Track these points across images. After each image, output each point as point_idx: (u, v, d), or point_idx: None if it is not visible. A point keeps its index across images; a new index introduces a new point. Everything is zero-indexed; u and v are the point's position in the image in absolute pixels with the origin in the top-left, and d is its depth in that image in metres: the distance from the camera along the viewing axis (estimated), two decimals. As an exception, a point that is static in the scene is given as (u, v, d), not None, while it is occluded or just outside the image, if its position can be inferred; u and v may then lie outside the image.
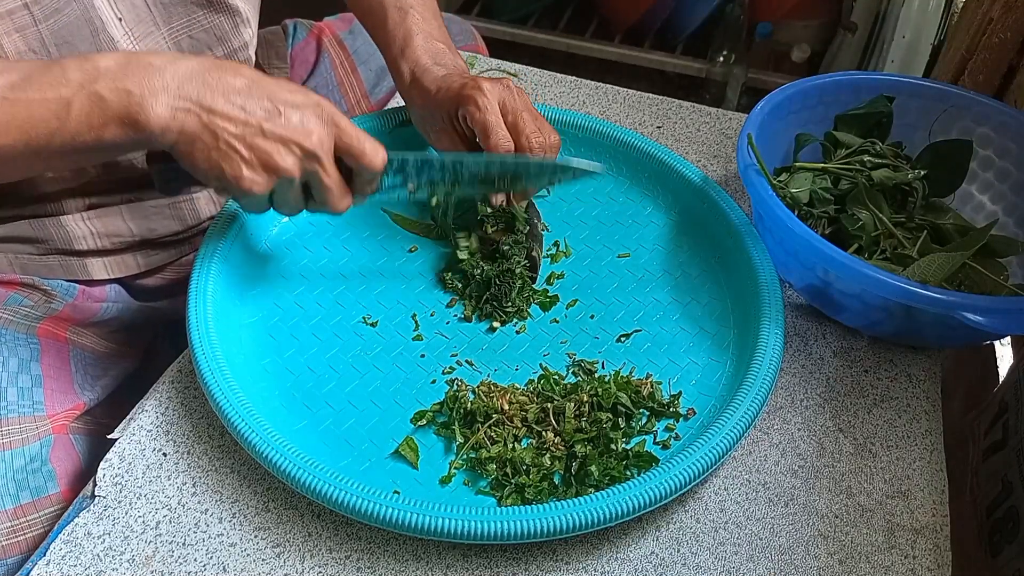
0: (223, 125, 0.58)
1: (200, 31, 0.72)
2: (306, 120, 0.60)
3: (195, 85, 0.57)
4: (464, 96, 0.70)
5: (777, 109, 0.77)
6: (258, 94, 0.59)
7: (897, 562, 0.60)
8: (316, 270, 0.76)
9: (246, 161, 0.59)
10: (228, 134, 0.58)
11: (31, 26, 0.62)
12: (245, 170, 0.59)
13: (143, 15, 0.68)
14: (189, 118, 0.57)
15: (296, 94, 0.60)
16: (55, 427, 0.70)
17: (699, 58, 1.94)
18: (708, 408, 0.66)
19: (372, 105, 0.99)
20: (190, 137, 0.58)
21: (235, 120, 0.58)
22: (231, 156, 0.58)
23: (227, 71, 0.59)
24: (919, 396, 0.70)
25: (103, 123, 0.55)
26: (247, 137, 0.58)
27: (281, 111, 0.59)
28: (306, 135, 0.59)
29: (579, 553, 0.59)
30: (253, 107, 0.58)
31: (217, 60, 0.60)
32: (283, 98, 0.59)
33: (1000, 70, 0.92)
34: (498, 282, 0.71)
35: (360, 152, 0.63)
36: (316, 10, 1.07)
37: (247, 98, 0.58)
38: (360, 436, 0.64)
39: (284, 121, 0.59)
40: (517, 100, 0.71)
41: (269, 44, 0.97)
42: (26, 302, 0.71)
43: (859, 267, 0.63)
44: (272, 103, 0.59)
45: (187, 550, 0.59)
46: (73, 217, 0.73)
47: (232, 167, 0.59)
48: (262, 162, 0.59)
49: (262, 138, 0.58)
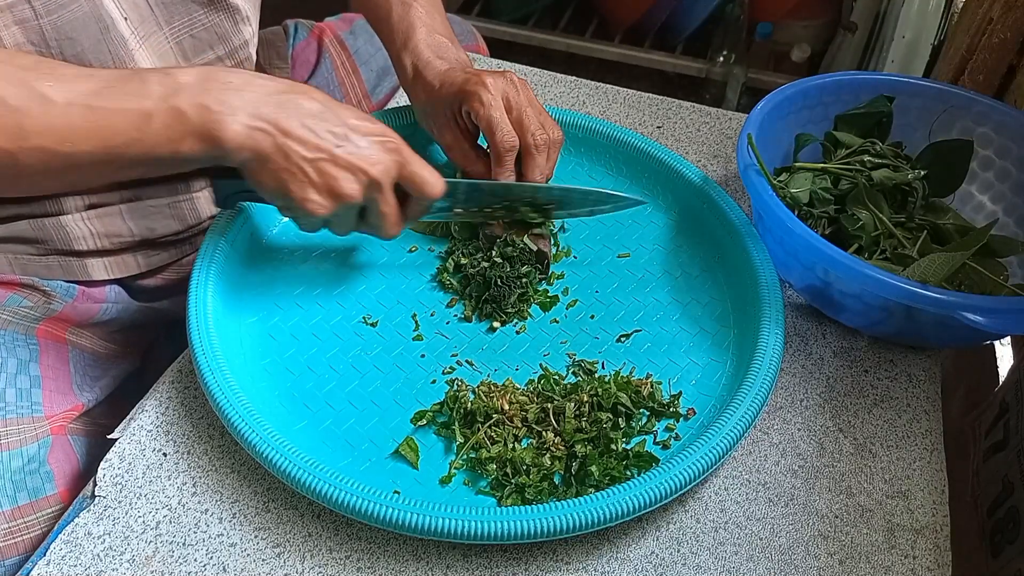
0: (295, 148, 0.59)
1: (201, 30, 0.72)
2: (373, 148, 0.62)
3: (271, 106, 0.59)
4: (467, 91, 0.70)
5: (777, 109, 0.77)
6: (330, 119, 0.61)
7: (897, 562, 0.60)
8: (316, 270, 0.76)
9: (313, 184, 0.60)
10: (299, 157, 0.60)
11: (32, 20, 0.62)
12: (312, 193, 0.61)
13: (145, 15, 0.69)
14: (264, 138, 0.59)
15: (365, 121, 0.63)
16: (53, 428, 0.70)
17: (699, 58, 1.94)
18: (708, 408, 0.66)
19: (373, 105, 0.99)
20: (263, 156, 0.59)
21: (307, 144, 0.60)
22: (300, 178, 0.60)
23: (302, 94, 0.61)
24: (919, 396, 0.70)
25: (181, 137, 0.57)
26: (317, 162, 0.60)
27: (350, 137, 0.61)
28: (372, 163, 0.61)
29: (579, 553, 0.59)
30: (324, 132, 0.60)
31: (291, 82, 0.62)
32: (353, 124, 0.62)
33: (1000, 70, 0.92)
34: (499, 283, 0.71)
35: (422, 183, 0.65)
36: (317, 10, 1.07)
37: (319, 122, 0.60)
38: (360, 436, 0.64)
39: (353, 148, 0.61)
40: (520, 94, 0.72)
41: (270, 44, 0.97)
42: (25, 303, 0.71)
43: (859, 267, 0.63)
44: (343, 128, 0.61)
45: (187, 550, 0.59)
46: (73, 217, 0.73)
47: (299, 189, 0.60)
48: (328, 187, 0.61)
49: (331, 164, 0.60)
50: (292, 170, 0.60)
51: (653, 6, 1.94)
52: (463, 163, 0.75)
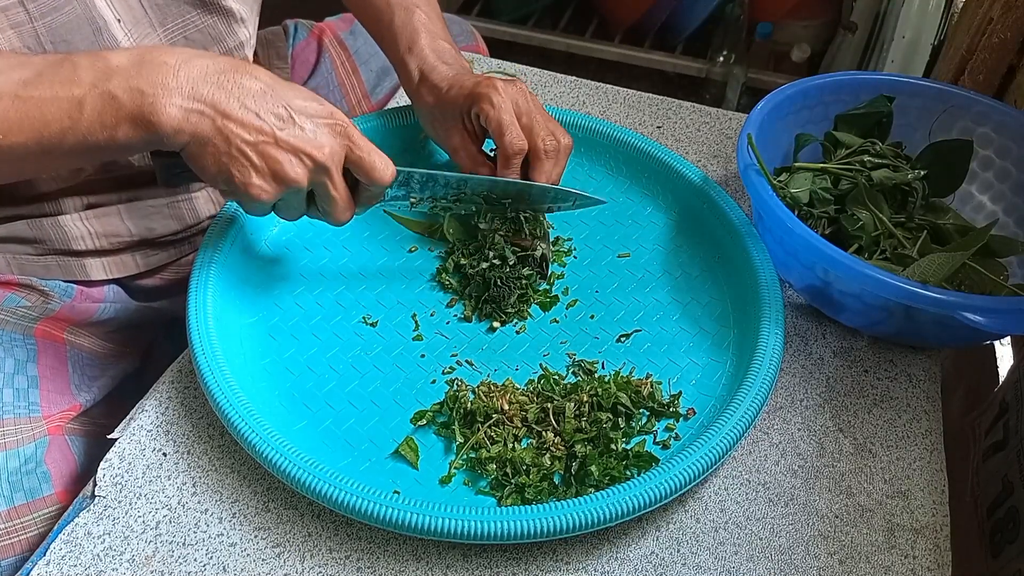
0: (236, 131, 0.57)
1: (195, 32, 0.72)
2: (319, 131, 0.59)
3: (210, 87, 0.56)
4: (478, 94, 0.70)
5: (777, 109, 0.77)
6: (273, 100, 0.58)
7: (897, 562, 0.60)
8: (316, 270, 0.76)
9: (256, 169, 0.58)
10: (240, 140, 0.57)
11: (26, 23, 0.62)
12: (255, 177, 0.58)
13: (139, 16, 0.68)
14: (203, 121, 0.56)
15: (311, 102, 0.60)
16: (50, 428, 0.69)
17: (699, 58, 1.94)
18: (708, 408, 0.66)
19: (373, 105, 0.99)
20: (202, 140, 0.57)
21: (249, 127, 0.57)
22: (242, 162, 0.58)
23: (243, 73, 0.58)
24: (919, 396, 0.70)
25: (115, 123, 0.55)
26: (259, 145, 0.58)
27: (295, 119, 0.58)
28: (318, 147, 0.59)
29: (579, 553, 0.59)
30: (267, 113, 0.58)
31: (233, 60, 0.59)
32: (298, 106, 0.59)
33: (1000, 70, 0.92)
34: (499, 283, 0.71)
35: (370, 167, 0.63)
36: (317, 10, 1.07)
37: (262, 103, 0.58)
38: (360, 436, 0.64)
39: (297, 131, 0.58)
40: (529, 101, 0.72)
41: (270, 44, 0.97)
42: (23, 303, 0.71)
43: (859, 267, 0.63)
44: (287, 110, 0.58)
45: (187, 550, 0.59)
46: (71, 217, 0.73)
47: (242, 173, 0.58)
48: (272, 171, 0.59)
49: (274, 147, 0.58)
50: (233, 154, 0.57)
51: (653, 6, 1.94)
52: (470, 166, 0.75)
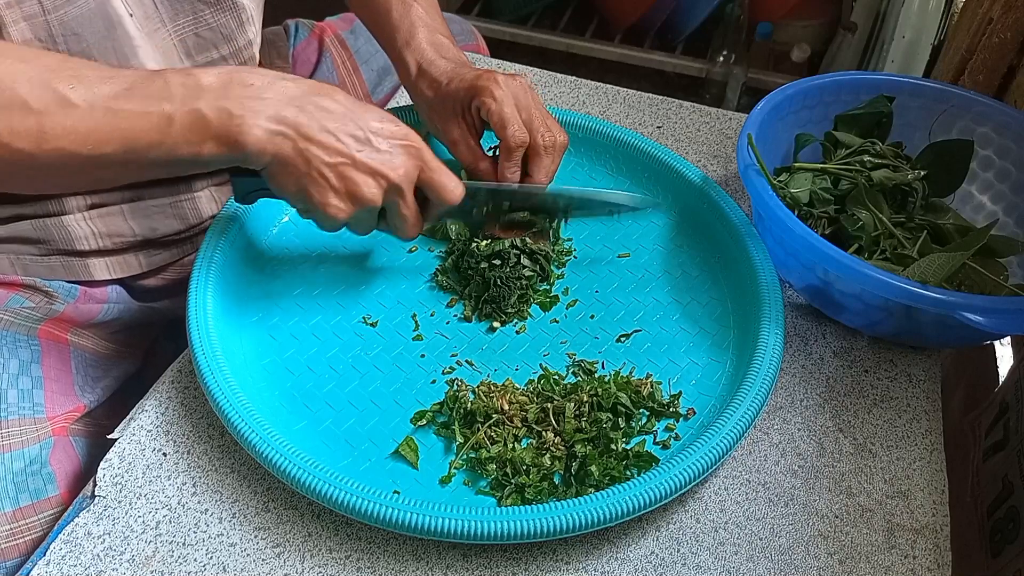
0: (316, 152, 0.59)
1: (206, 29, 0.72)
2: (394, 153, 0.62)
3: (293, 109, 0.59)
4: (479, 87, 0.71)
5: (777, 109, 0.77)
6: (352, 122, 0.61)
7: (897, 562, 0.60)
8: (316, 270, 0.76)
9: (334, 189, 0.60)
10: (320, 162, 0.59)
11: (39, 15, 0.62)
12: (332, 198, 0.61)
13: (151, 12, 0.69)
14: (285, 143, 0.58)
15: (387, 123, 0.62)
16: (55, 429, 0.70)
17: (699, 58, 1.94)
18: (708, 408, 0.66)
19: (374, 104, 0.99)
20: (283, 161, 0.59)
21: (328, 148, 0.59)
22: (320, 183, 0.60)
23: (324, 96, 0.60)
24: (919, 396, 0.70)
25: (202, 140, 0.57)
26: (338, 167, 0.60)
27: (372, 141, 0.61)
28: (393, 168, 0.61)
29: (579, 553, 0.59)
30: (345, 136, 0.60)
31: (315, 83, 0.61)
32: (375, 128, 0.61)
33: (1000, 70, 0.92)
34: (498, 283, 0.71)
35: (442, 188, 0.65)
36: (318, 10, 1.07)
37: (341, 125, 0.60)
38: (360, 436, 0.64)
39: (374, 153, 0.61)
40: (529, 96, 0.73)
41: (271, 44, 0.97)
42: (27, 303, 0.71)
43: (859, 267, 0.63)
44: (364, 132, 0.61)
45: (187, 550, 0.59)
46: (75, 217, 0.73)
47: (320, 194, 0.61)
48: (349, 192, 0.61)
49: (352, 169, 0.60)
50: (313, 175, 0.60)
51: (653, 6, 1.94)
52: (468, 159, 0.75)
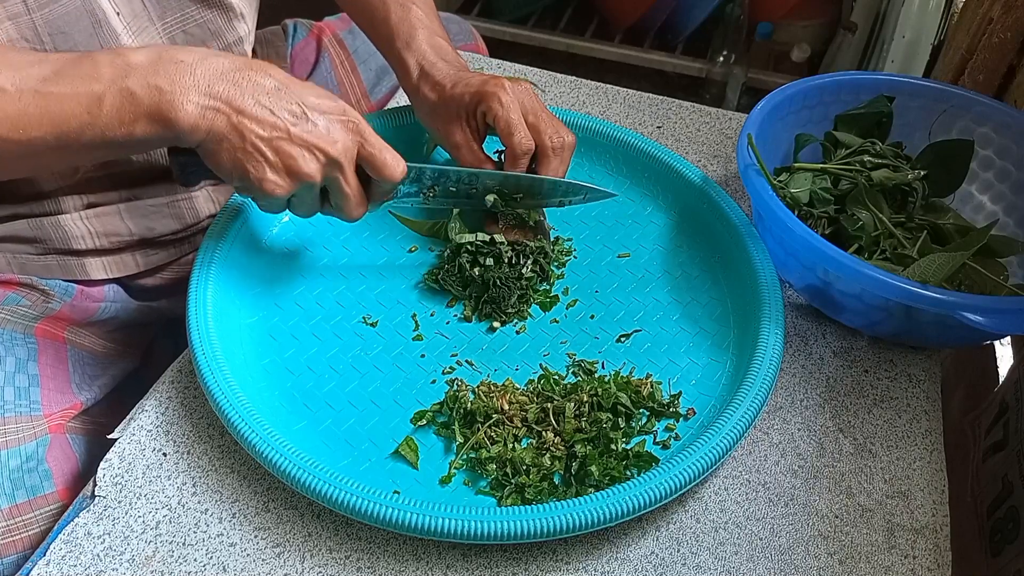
0: (251, 127, 0.58)
1: (194, 26, 0.72)
2: (332, 127, 0.61)
3: (225, 84, 0.57)
4: (486, 93, 0.71)
5: (777, 109, 0.77)
6: (287, 97, 0.59)
7: (897, 562, 0.60)
8: (316, 270, 0.76)
9: (271, 164, 0.59)
10: (255, 136, 0.58)
11: (24, 14, 0.62)
12: (269, 172, 0.60)
13: (138, 10, 0.68)
14: (218, 118, 0.57)
15: (324, 99, 0.61)
16: (51, 427, 0.70)
17: (699, 58, 1.94)
18: (708, 408, 0.66)
19: (372, 105, 0.99)
20: (218, 137, 0.58)
21: (263, 123, 0.58)
22: (256, 158, 0.59)
23: (257, 71, 0.59)
24: (919, 396, 0.70)
25: (134, 119, 0.56)
26: (274, 141, 0.59)
27: (308, 116, 0.60)
28: (331, 142, 0.60)
29: (579, 553, 0.59)
30: (281, 110, 0.59)
31: (247, 59, 0.60)
32: (311, 103, 0.60)
33: (1000, 70, 0.92)
34: (498, 283, 0.71)
35: (382, 164, 0.64)
36: (316, 10, 1.07)
37: (276, 100, 0.59)
38: (360, 436, 0.64)
39: (311, 127, 0.60)
40: (535, 101, 0.73)
41: (269, 43, 0.97)
42: (24, 302, 0.71)
43: (859, 267, 0.63)
44: (300, 107, 0.60)
45: (187, 550, 0.59)
46: (71, 216, 0.73)
47: (256, 169, 0.59)
48: (286, 166, 0.60)
49: (288, 142, 0.59)
50: (248, 149, 0.59)
51: (653, 6, 1.94)
52: (472, 162, 0.75)
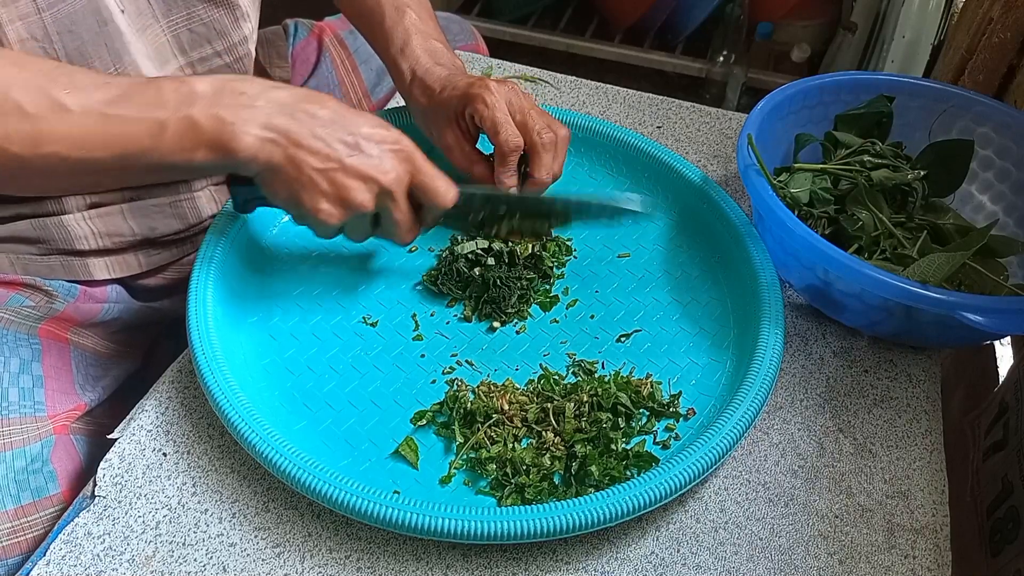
0: (306, 158, 0.59)
1: (199, 24, 0.72)
2: (384, 157, 0.62)
3: (284, 117, 0.59)
4: (471, 95, 0.71)
5: (777, 109, 0.77)
6: (342, 128, 0.61)
7: (897, 562, 0.60)
8: (316, 270, 0.76)
9: (325, 194, 0.61)
10: (310, 167, 0.60)
11: (34, 14, 0.62)
12: (323, 203, 0.61)
13: (143, 8, 0.69)
14: (276, 150, 0.59)
15: (377, 128, 0.63)
16: (56, 428, 0.70)
17: (699, 58, 1.94)
18: (708, 408, 0.66)
19: (373, 105, 0.99)
20: (274, 168, 0.60)
21: (318, 154, 0.60)
22: (311, 189, 0.61)
23: (314, 103, 0.61)
24: (919, 396, 0.70)
25: (195, 147, 0.57)
26: (328, 172, 0.60)
27: (362, 146, 0.61)
28: (383, 172, 0.62)
29: (579, 553, 0.59)
30: (335, 141, 0.60)
31: (306, 91, 0.62)
32: (365, 132, 0.62)
33: (1000, 70, 0.92)
34: (498, 284, 0.71)
35: (434, 192, 0.65)
36: (317, 10, 1.07)
37: (331, 131, 0.60)
38: (360, 436, 0.64)
39: (364, 157, 0.61)
40: (522, 99, 0.73)
41: (270, 43, 0.97)
42: (27, 303, 0.71)
43: (859, 267, 0.63)
44: (354, 137, 0.61)
45: (187, 550, 0.59)
46: (74, 217, 0.73)
47: (311, 199, 0.61)
48: (340, 197, 0.61)
49: (342, 174, 0.60)
50: (303, 180, 0.60)
51: (653, 6, 1.94)
52: (464, 165, 0.75)
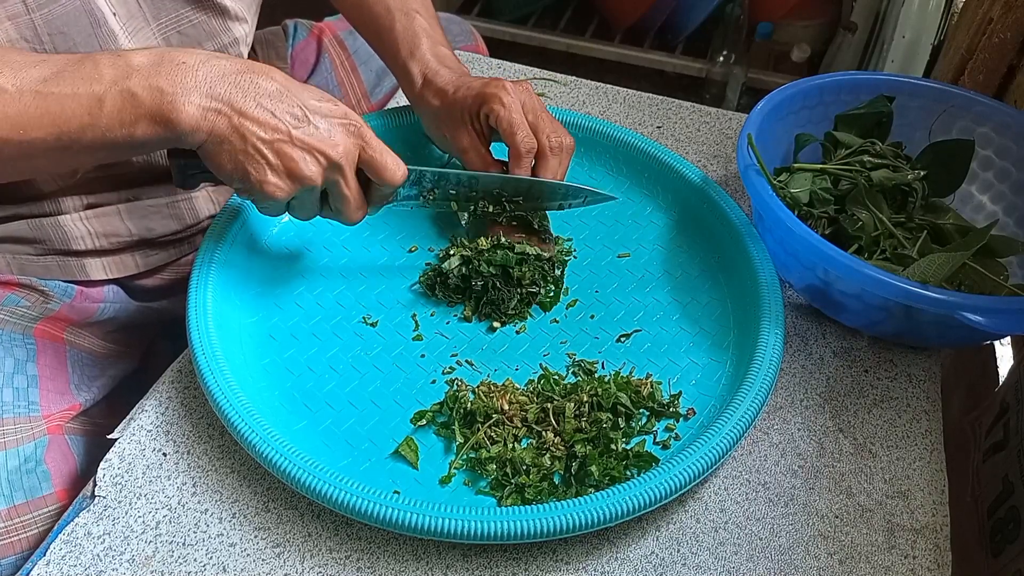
0: (252, 129, 0.58)
1: (189, 27, 0.72)
2: (333, 130, 0.61)
3: (227, 86, 0.58)
4: (488, 94, 0.71)
5: (777, 109, 0.77)
6: (289, 99, 0.59)
7: (897, 562, 0.60)
8: (316, 270, 0.76)
9: (271, 166, 0.59)
10: (256, 138, 0.58)
11: (23, 14, 0.62)
12: (270, 175, 0.60)
13: (134, 10, 0.68)
14: (220, 119, 0.57)
15: (326, 102, 0.61)
16: (50, 428, 0.70)
17: (699, 58, 1.94)
18: (708, 408, 0.66)
19: (372, 105, 0.99)
20: (219, 138, 0.58)
21: (265, 125, 0.58)
22: (257, 160, 0.59)
23: (259, 74, 0.59)
24: (919, 396, 0.70)
25: (134, 120, 0.56)
26: (275, 143, 0.59)
27: (310, 118, 0.60)
28: (332, 146, 0.60)
29: (579, 553, 0.59)
30: (283, 113, 0.59)
31: (249, 62, 0.60)
32: (313, 106, 0.60)
33: (1000, 70, 0.92)
34: (497, 286, 0.71)
35: (382, 167, 0.64)
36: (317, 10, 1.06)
37: (278, 102, 0.59)
38: (360, 436, 0.64)
39: (312, 129, 0.60)
40: (535, 101, 0.73)
41: (269, 44, 0.97)
42: (23, 303, 0.71)
43: (859, 267, 0.63)
44: (302, 110, 0.60)
45: (187, 550, 0.59)
46: (71, 217, 0.73)
47: (257, 171, 0.59)
48: (287, 169, 0.60)
49: (289, 145, 0.59)
50: (249, 151, 0.59)
51: (653, 6, 1.94)
52: (479, 166, 0.75)
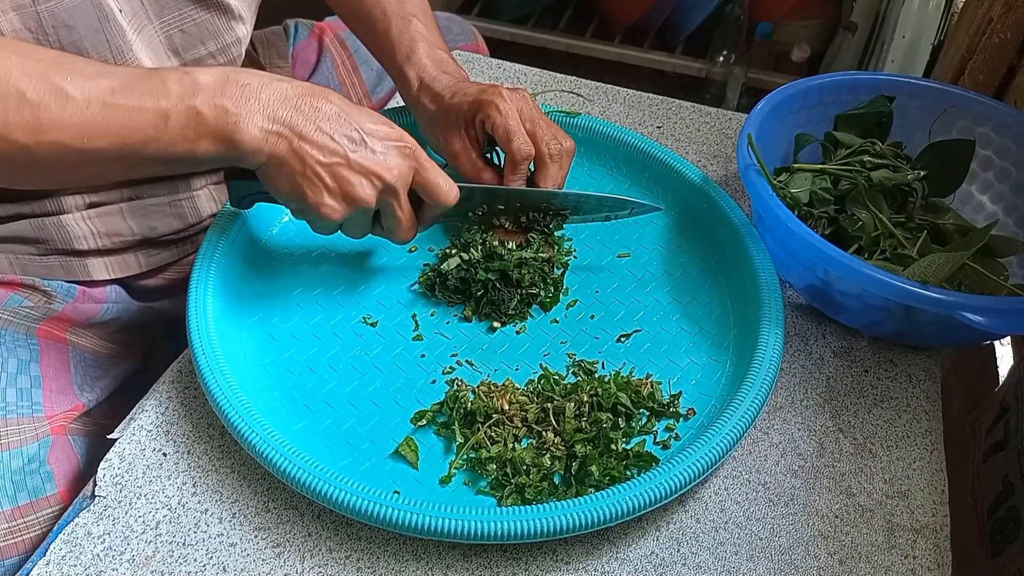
0: (311, 152, 0.60)
1: (192, 25, 0.72)
2: (389, 153, 0.62)
3: (288, 109, 0.59)
4: (484, 101, 0.72)
5: (777, 109, 0.77)
6: (347, 123, 0.61)
7: (897, 562, 0.60)
8: (316, 270, 0.76)
9: (328, 189, 0.61)
10: (315, 161, 0.60)
11: (29, 6, 0.62)
12: (326, 197, 0.61)
13: (137, 8, 0.69)
14: (280, 142, 0.59)
15: (382, 125, 0.63)
16: (53, 428, 0.70)
17: (699, 58, 1.94)
18: (708, 408, 0.66)
19: (373, 104, 0.99)
20: (278, 161, 0.60)
21: (323, 148, 0.60)
22: (315, 183, 0.61)
23: (319, 97, 0.61)
24: (919, 396, 0.70)
25: (198, 137, 0.57)
26: (333, 166, 0.60)
27: (367, 142, 0.61)
28: (387, 169, 0.62)
29: (579, 553, 0.59)
30: (340, 136, 0.60)
31: (309, 85, 0.62)
32: (369, 128, 0.62)
33: (1000, 70, 0.92)
34: (497, 287, 0.71)
35: (436, 189, 0.66)
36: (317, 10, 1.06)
37: (336, 126, 0.60)
38: (360, 436, 0.64)
39: (368, 153, 0.61)
40: (532, 108, 0.73)
41: (270, 43, 0.97)
42: (26, 303, 0.71)
43: (859, 267, 0.63)
44: (359, 133, 0.61)
45: (187, 550, 0.59)
46: (73, 216, 0.73)
47: (315, 193, 0.61)
48: (343, 191, 0.61)
49: (347, 168, 0.61)
50: (307, 174, 0.60)
51: (653, 6, 1.94)
52: (471, 172, 0.75)
